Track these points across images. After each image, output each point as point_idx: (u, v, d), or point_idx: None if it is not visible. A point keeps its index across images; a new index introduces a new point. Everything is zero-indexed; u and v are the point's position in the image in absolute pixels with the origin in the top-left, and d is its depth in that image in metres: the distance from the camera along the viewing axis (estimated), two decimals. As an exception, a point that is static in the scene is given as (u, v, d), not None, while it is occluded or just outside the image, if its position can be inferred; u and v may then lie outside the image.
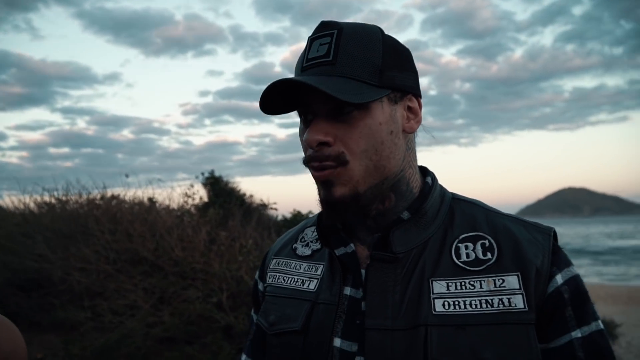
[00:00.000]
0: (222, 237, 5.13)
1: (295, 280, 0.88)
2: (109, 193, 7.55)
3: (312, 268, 0.87)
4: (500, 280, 0.73)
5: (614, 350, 0.74)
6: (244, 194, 6.82)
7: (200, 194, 6.66)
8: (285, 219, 6.66)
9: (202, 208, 6.29)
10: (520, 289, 0.72)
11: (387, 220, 0.82)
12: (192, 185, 6.37)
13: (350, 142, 0.75)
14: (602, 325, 0.75)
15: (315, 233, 0.92)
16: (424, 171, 0.88)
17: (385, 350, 0.72)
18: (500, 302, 0.71)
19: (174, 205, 6.54)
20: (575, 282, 0.75)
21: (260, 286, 0.97)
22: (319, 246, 0.89)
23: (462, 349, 0.69)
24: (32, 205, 8.60)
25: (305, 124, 0.80)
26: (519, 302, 0.71)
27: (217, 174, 6.76)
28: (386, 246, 0.79)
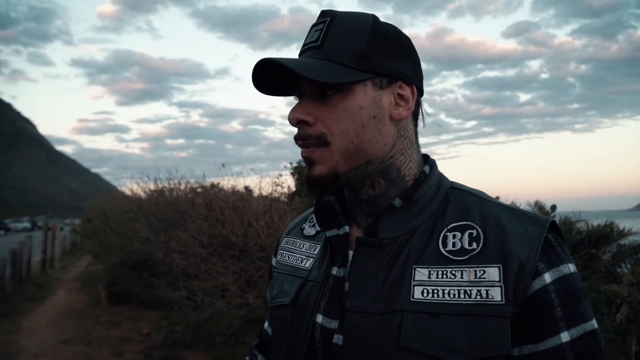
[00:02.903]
0: (306, 224, 5.25)
1: (297, 258, 0.93)
2: (209, 182, 8.08)
3: (312, 247, 0.92)
4: (482, 272, 0.71)
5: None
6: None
7: (288, 182, 6.88)
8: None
9: (290, 196, 6.48)
10: (499, 281, 0.70)
11: (380, 205, 0.82)
12: (280, 175, 6.59)
13: (331, 124, 0.77)
14: (595, 326, 0.71)
15: None
16: (426, 160, 0.87)
17: (362, 332, 0.74)
18: (478, 294, 0.70)
19: (265, 194, 6.82)
20: (565, 281, 0.71)
21: (273, 262, 1.04)
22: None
23: (433, 336, 0.69)
24: (140, 192, 9.43)
25: None
26: (496, 294, 0.69)
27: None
28: (376, 232, 0.80)
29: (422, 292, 0.72)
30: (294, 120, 0.78)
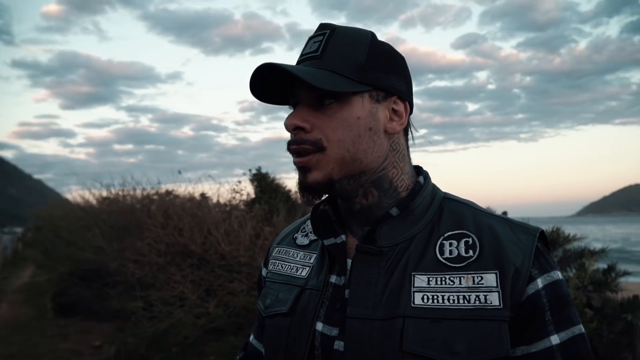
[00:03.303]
0: (266, 232, 5.25)
1: (291, 267, 0.94)
2: (164, 189, 7.91)
3: (306, 257, 0.93)
4: (479, 278, 0.75)
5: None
6: (289, 190, 6.93)
7: (247, 190, 6.84)
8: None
9: (249, 203, 6.45)
10: (497, 286, 0.73)
11: (375, 214, 0.85)
12: (239, 182, 6.54)
13: (328, 131, 0.79)
14: (583, 330, 0.76)
15: None
16: (419, 171, 0.91)
17: (364, 338, 0.76)
18: (477, 299, 0.73)
19: (223, 201, 6.75)
20: (555, 287, 0.75)
21: (263, 272, 1.04)
22: (315, 237, 0.94)
23: (435, 341, 0.72)
24: (92, 199, 9.12)
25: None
26: (494, 299, 0.73)
27: (269, 170, 6.92)
28: (374, 240, 0.82)
29: (423, 298, 0.75)
30: (290, 126, 0.79)
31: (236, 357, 1.10)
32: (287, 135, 0.83)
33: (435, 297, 0.75)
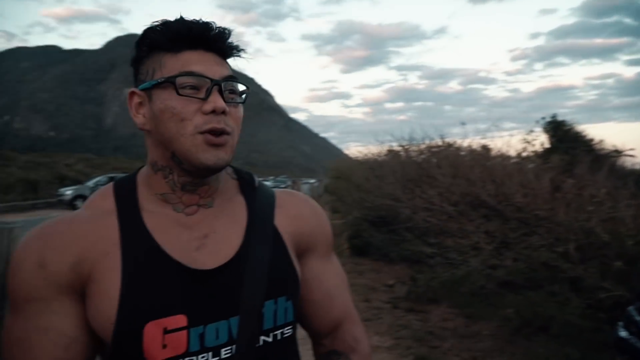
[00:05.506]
0: (568, 184, 4.76)
1: None
2: (445, 142, 7.96)
3: None
4: None
5: None
6: (592, 139, 6.11)
7: (540, 139, 6.31)
8: (644, 169, 5.69)
9: (543, 154, 5.95)
10: None
11: None
12: (531, 131, 6.08)
13: None
14: None
15: None
16: None
17: None
18: None
19: (512, 152, 6.40)
20: None
21: None
22: None
23: None
24: (379, 153, 9.83)
25: None
26: None
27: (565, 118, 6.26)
28: None
29: None
30: None
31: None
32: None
33: None
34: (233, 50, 0.86)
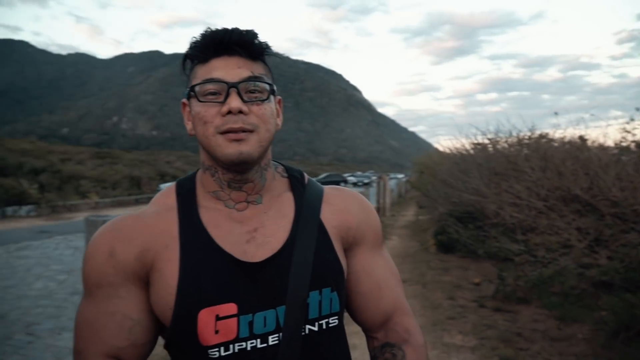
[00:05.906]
0: (674, 177, 4.33)
1: None
2: (537, 133, 7.53)
3: None
4: None
5: None
6: None
7: (643, 128, 5.76)
8: None
9: (647, 144, 5.43)
10: None
11: None
12: (632, 119, 5.56)
13: None
14: None
15: None
16: None
17: None
18: None
19: (610, 143, 5.92)
20: None
21: None
22: None
23: None
24: (466, 146, 9.52)
25: None
26: None
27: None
28: None
29: None
30: None
31: None
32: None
33: None
34: (258, 50, 0.90)
